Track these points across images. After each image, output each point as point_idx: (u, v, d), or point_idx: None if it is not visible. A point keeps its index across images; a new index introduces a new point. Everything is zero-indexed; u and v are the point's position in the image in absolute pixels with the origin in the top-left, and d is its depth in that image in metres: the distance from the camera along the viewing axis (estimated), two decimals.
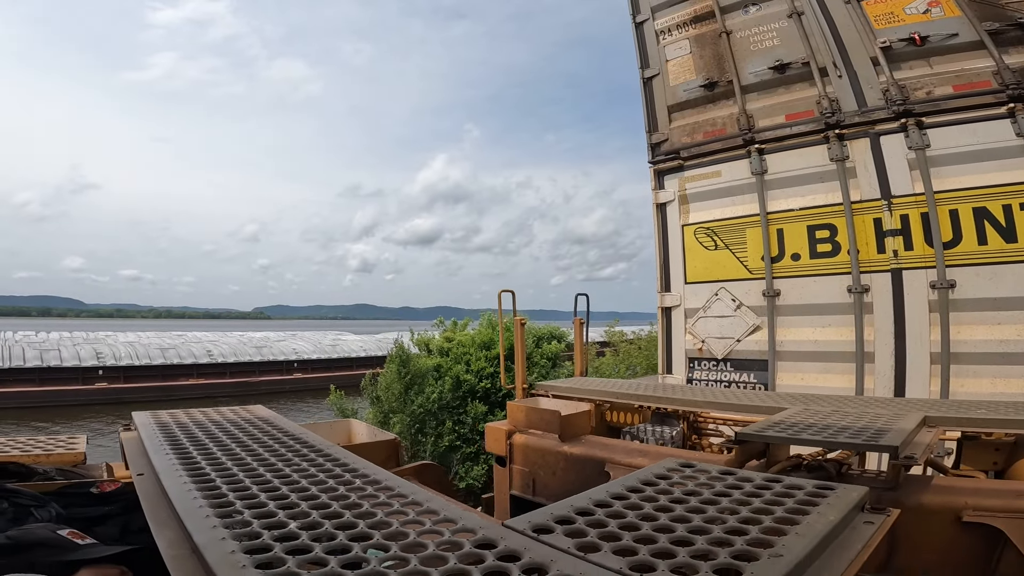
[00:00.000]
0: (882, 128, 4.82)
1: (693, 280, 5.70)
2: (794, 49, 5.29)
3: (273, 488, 1.69)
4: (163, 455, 2.00)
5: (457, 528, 1.38)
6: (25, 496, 2.10)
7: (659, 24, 6.22)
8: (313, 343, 30.21)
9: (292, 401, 23.48)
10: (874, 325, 4.69)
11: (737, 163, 5.52)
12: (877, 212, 4.79)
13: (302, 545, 1.28)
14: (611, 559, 1.20)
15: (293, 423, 2.66)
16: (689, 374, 5.62)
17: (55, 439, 2.80)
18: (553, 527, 1.40)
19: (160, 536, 1.47)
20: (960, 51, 4.63)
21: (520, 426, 3.88)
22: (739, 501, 1.53)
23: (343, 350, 29.47)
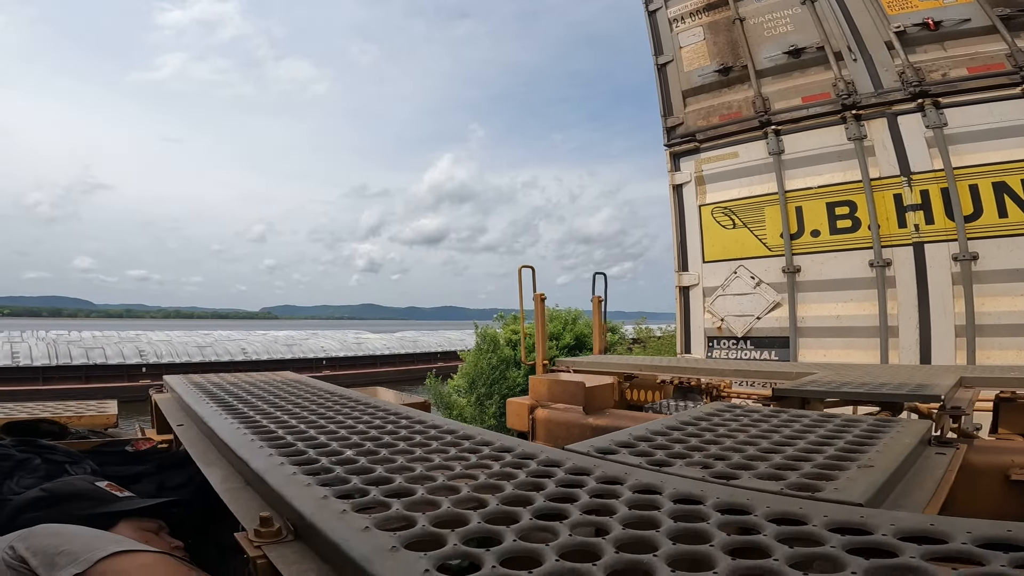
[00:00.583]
0: (899, 108, 4.88)
1: (711, 259, 5.69)
2: (808, 34, 5.37)
3: (320, 425, 1.67)
4: (204, 404, 1.98)
5: (517, 453, 1.34)
6: (59, 452, 2.06)
7: (672, 12, 6.28)
8: (338, 341, 30.58)
9: None
10: (897, 299, 4.68)
11: (754, 144, 5.58)
12: (897, 188, 4.83)
13: (362, 467, 1.24)
14: (688, 471, 1.17)
15: (325, 383, 2.64)
16: (708, 353, 5.59)
17: (86, 404, 2.77)
18: (616, 450, 1.36)
19: (211, 474, 1.44)
20: (973, 35, 4.70)
21: (542, 400, 3.82)
22: (801, 430, 1.49)
23: (367, 348, 29.92)
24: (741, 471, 1.14)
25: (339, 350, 28.61)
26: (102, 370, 21.61)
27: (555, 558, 0.76)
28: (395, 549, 0.78)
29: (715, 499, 0.97)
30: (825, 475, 1.11)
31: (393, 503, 0.98)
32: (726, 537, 0.81)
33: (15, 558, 1.15)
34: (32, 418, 2.44)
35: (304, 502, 0.98)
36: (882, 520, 0.84)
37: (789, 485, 1.06)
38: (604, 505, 0.97)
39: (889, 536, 0.79)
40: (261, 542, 0.94)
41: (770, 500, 0.96)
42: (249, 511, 1.13)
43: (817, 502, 0.96)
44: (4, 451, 1.96)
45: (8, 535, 1.24)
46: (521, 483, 1.10)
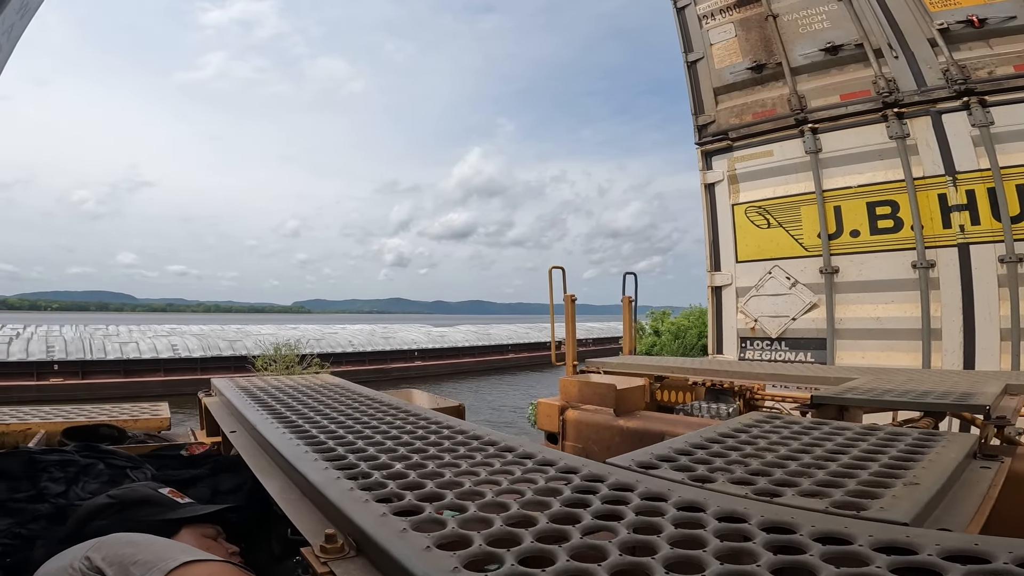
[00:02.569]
0: (943, 107, 4.79)
1: (744, 259, 5.64)
2: (846, 31, 5.28)
3: (366, 436, 1.73)
4: (254, 411, 2.06)
5: (560, 467, 1.37)
6: (120, 457, 2.15)
7: (701, 9, 6.22)
8: (423, 334, 32.58)
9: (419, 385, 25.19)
10: (941, 300, 4.58)
11: (789, 142, 5.51)
12: (941, 188, 4.72)
13: (414, 482, 1.29)
14: (731, 488, 1.18)
15: (362, 387, 2.71)
16: (741, 354, 5.55)
17: (140, 406, 2.90)
18: (658, 464, 1.38)
19: (269, 485, 1.50)
20: (1020, 33, 4.58)
21: (573, 401, 3.83)
22: (845, 444, 1.49)
23: (450, 340, 31.94)
24: (784, 488, 1.16)
25: (427, 342, 30.57)
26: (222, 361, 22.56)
27: None
28: (456, 570, 0.82)
29: (759, 517, 0.99)
30: (870, 492, 1.11)
31: (448, 521, 1.02)
32: (772, 557, 0.84)
33: (92, 569, 1.21)
34: (91, 422, 2.57)
35: (365, 519, 1.03)
36: (927, 540, 0.86)
37: (834, 503, 1.07)
38: (649, 523, 1.00)
39: (934, 556, 0.80)
40: (327, 558, 0.98)
41: (815, 519, 0.97)
42: (310, 524, 1.18)
43: (862, 521, 0.98)
44: (69, 457, 2.05)
45: (82, 544, 1.30)
46: (567, 500, 1.14)
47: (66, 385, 18.87)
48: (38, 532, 1.66)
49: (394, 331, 31.97)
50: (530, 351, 33.05)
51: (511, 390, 24.77)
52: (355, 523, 1.04)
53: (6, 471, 1.95)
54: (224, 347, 23.79)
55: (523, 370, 30.84)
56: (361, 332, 30.19)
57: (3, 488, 1.89)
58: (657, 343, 20.61)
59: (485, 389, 24.80)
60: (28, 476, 1.95)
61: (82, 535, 1.46)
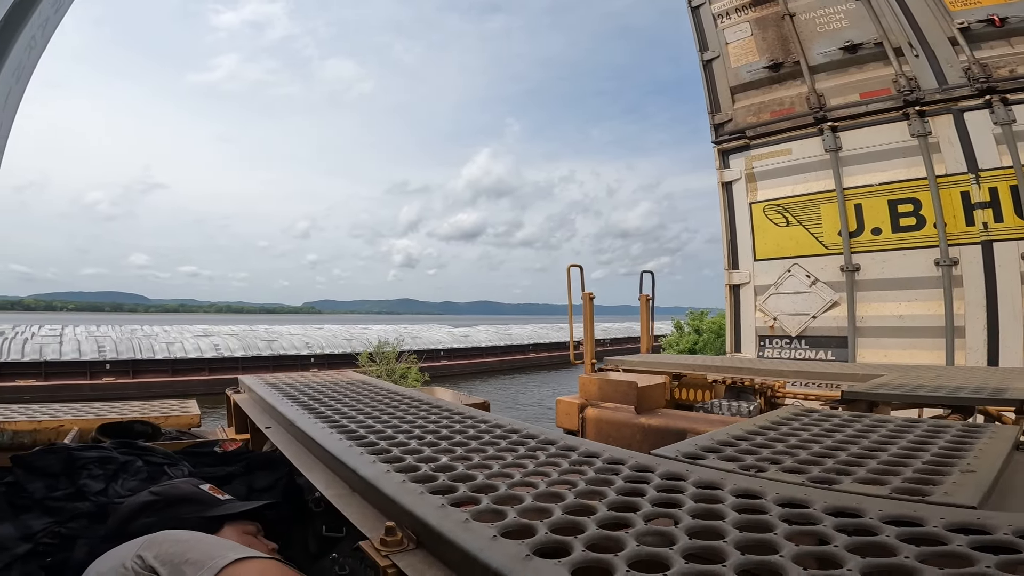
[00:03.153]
0: (965, 105, 4.77)
1: (763, 257, 5.62)
2: (865, 30, 5.28)
3: (405, 430, 1.73)
4: (289, 407, 2.07)
5: (605, 459, 1.37)
6: (157, 454, 2.16)
7: (716, 8, 6.23)
8: (447, 334, 33.48)
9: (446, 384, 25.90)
10: (964, 298, 4.56)
11: (808, 141, 5.51)
12: (964, 185, 4.70)
13: (463, 474, 1.28)
14: (785, 476, 1.18)
15: (388, 383, 2.72)
16: (760, 352, 5.53)
17: (169, 403, 2.92)
18: (703, 455, 1.38)
19: (315, 480, 1.50)
20: None
21: (592, 399, 3.82)
22: (889, 435, 1.49)
23: (473, 340, 32.76)
24: (840, 476, 1.15)
25: (452, 342, 31.50)
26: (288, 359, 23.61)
27: (682, 561, 0.79)
28: (528, 557, 0.83)
29: (823, 503, 0.99)
30: (928, 479, 1.11)
31: (507, 511, 1.02)
32: (847, 539, 0.83)
33: (145, 567, 1.22)
34: (125, 419, 2.59)
35: (426, 512, 1.03)
36: (1000, 521, 0.86)
37: (895, 489, 1.06)
38: (709, 510, 1.00)
39: (1011, 535, 0.80)
40: (388, 551, 0.98)
41: (880, 504, 0.97)
42: (365, 519, 1.17)
43: (929, 505, 0.97)
44: (107, 454, 2.07)
45: (131, 542, 1.31)
46: (621, 489, 1.14)
47: (118, 384, 19.31)
48: (78, 531, 1.67)
49: (418, 331, 32.80)
50: (549, 351, 33.70)
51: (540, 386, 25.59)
52: (416, 516, 1.03)
53: (44, 468, 1.96)
54: (263, 347, 24.57)
55: (543, 369, 31.40)
56: (385, 332, 30.79)
57: (41, 486, 1.90)
58: (699, 340, 21.97)
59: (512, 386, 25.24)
60: (67, 473, 1.96)
61: (126, 533, 1.47)
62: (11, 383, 17.84)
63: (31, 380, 18.30)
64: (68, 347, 20.04)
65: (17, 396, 15.83)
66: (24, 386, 17.59)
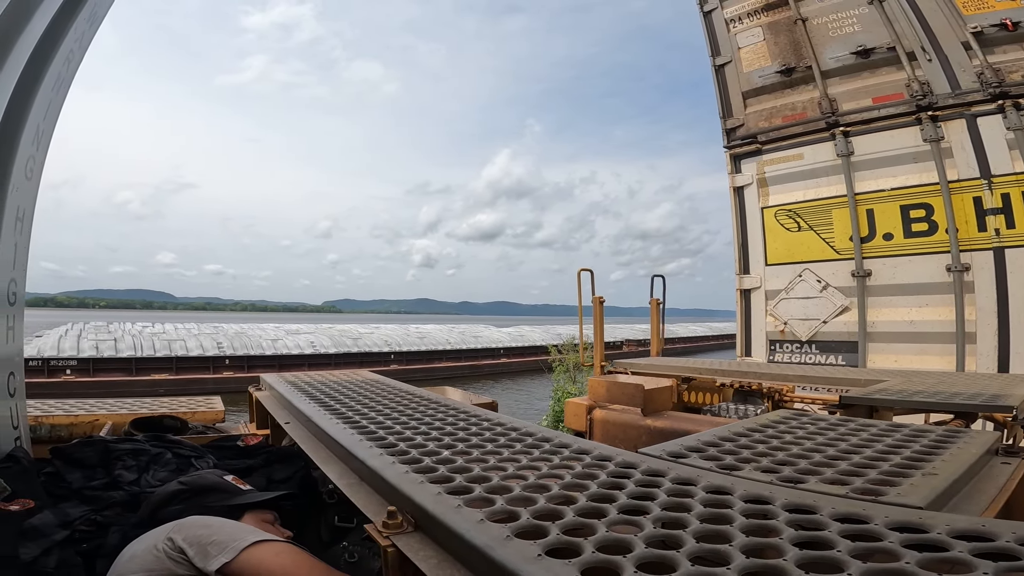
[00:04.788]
0: (978, 110, 4.76)
1: (774, 262, 5.65)
2: (877, 34, 5.27)
3: (412, 427, 1.85)
4: (307, 404, 2.20)
5: (595, 456, 1.47)
6: (186, 447, 2.32)
7: (728, 12, 6.25)
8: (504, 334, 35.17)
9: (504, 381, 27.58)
10: (976, 304, 4.55)
11: (820, 146, 5.52)
12: (976, 191, 4.68)
13: (461, 466, 1.40)
14: (758, 475, 1.27)
15: (400, 382, 2.84)
16: (770, 356, 5.55)
17: (196, 400, 3.09)
18: (687, 454, 1.47)
19: (329, 471, 1.63)
20: None
21: (600, 401, 3.89)
22: (869, 439, 1.56)
23: (527, 339, 34.17)
24: (808, 476, 1.24)
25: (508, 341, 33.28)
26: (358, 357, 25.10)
27: (643, 546, 0.90)
28: (509, 538, 0.94)
29: (783, 500, 1.08)
30: (890, 481, 1.19)
31: (497, 499, 1.13)
32: (794, 533, 0.93)
33: (175, 549, 1.36)
34: (156, 414, 2.75)
35: (424, 498, 1.14)
36: (939, 521, 0.94)
37: (854, 489, 1.15)
38: (680, 503, 1.10)
39: (943, 535, 0.89)
40: (389, 533, 1.10)
41: (835, 502, 1.06)
42: (371, 505, 1.30)
43: (880, 505, 1.06)
44: (140, 446, 2.23)
45: (162, 527, 1.45)
46: (603, 482, 1.24)
47: (236, 378, 20.25)
48: (112, 519, 1.81)
49: (479, 331, 34.56)
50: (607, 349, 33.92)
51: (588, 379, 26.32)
52: (415, 501, 1.15)
53: (83, 460, 2.12)
54: (351, 344, 26.37)
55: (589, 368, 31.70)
56: (451, 332, 32.50)
57: (79, 476, 2.06)
58: None
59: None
60: (103, 464, 2.12)
61: (156, 519, 1.61)
62: (148, 377, 19.14)
63: (164, 374, 19.59)
64: (191, 343, 21.77)
65: (153, 388, 17.05)
66: (159, 380, 18.88)
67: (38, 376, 17.55)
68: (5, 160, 2.01)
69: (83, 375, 18.52)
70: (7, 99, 1.94)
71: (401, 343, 27.81)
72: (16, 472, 1.87)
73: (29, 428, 2.32)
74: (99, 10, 2.54)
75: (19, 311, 2.17)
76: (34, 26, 2.03)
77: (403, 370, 25.01)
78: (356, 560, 1.86)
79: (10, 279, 2.09)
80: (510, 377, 28.15)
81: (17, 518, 1.65)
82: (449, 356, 28.79)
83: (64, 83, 2.42)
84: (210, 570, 1.31)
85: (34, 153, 2.20)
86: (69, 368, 18.61)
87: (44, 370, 18.10)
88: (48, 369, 18.22)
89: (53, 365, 18.41)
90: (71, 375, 18.38)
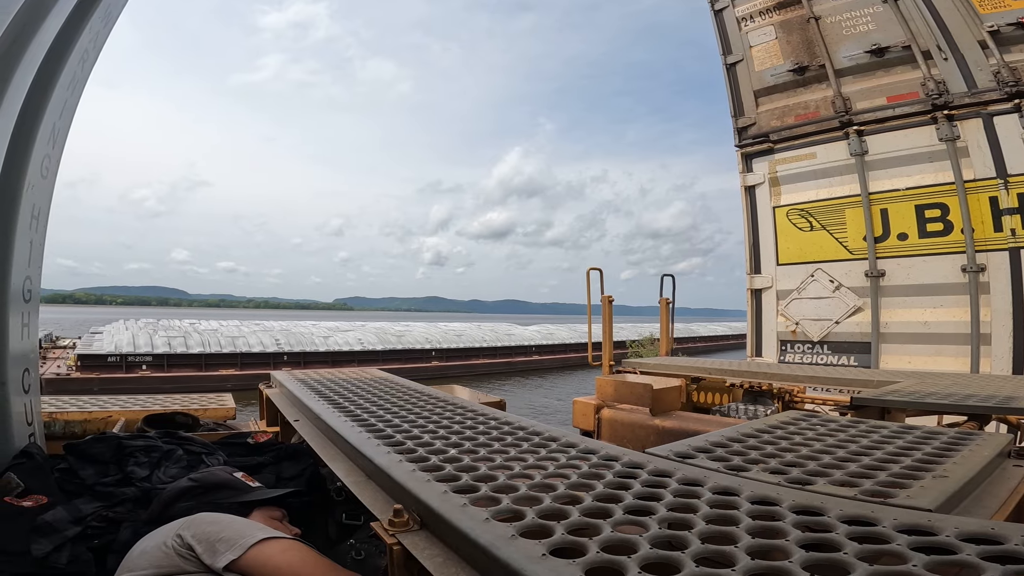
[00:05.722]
0: (995, 109, 4.70)
1: (786, 261, 5.60)
2: (892, 33, 5.22)
3: (420, 425, 1.86)
4: (316, 401, 2.21)
5: (602, 455, 1.47)
6: (197, 444, 2.34)
7: (740, 11, 6.20)
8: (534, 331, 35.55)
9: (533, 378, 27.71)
10: (991, 305, 4.48)
11: (834, 145, 5.47)
12: (993, 191, 4.62)
13: (468, 465, 1.40)
14: (765, 476, 1.26)
15: (409, 381, 2.85)
16: (781, 357, 5.51)
17: (207, 397, 3.12)
18: (694, 454, 1.46)
19: (336, 468, 1.63)
20: None
21: (608, 400, 3.88)
22: (880, 440, 1.55)
23: (556, 337, 34.36)
24: (816, 477, 1.23)
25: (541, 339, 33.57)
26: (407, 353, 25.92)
27: (648, 547, 0.89)
28: (514, 537, 0.94)
29: (791, 502, 1.07)
30: (899, 483, 1.18)
31: (503, 498, 1.13)
32: (800, 534, 0.92)
33: (183, 546, 1.37)
34: (168, 411, 2.78)
35: (430, 497, 1.15)
36: (948, 524, 0.93)
37: (863, 491, 1.14)
38: (686, 504, 1.09)
39: (952, 538, 0.88)
40: (395, 531, 1.10)
41: (843, 504, 1.05)
42: (377, 503, 1.30)
43: (889, 507, 1.05)
44: (152, 443, 2.25)
45: (172, 524, 1.47)
46: (610, 482, 1.24)
47: None
48: (124, 515, 1.83)
49: (511, 329, 35.22)
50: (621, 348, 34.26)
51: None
52: (421, 500, 1.15)
53: (96, 456, 2.14)
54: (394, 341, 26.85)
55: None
56: (485, 330, 33.01)
57: (93, 472, 2.08)
58: None
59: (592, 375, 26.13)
60: (116, 461, 2.14)
61: (167, 516, 1.63)
62: (216, 372, 19.68)
63: (231, 370, 20.09)
64: (252, 340, 22.71)
65: (222, 383, 17.40)
66: (226, 375, 19.41)
67: (116, 371, 18.26)
68: (21, 159, 2.03)
69: (158, 370, 19.20)
70: (23, 98, 1.97)
71: (441, 341, 28.39)
72: (30, 468, 1.90)
73: (43, 424, 2.35)
74: (114, 9, 2.56)
75: (34, 308, 2.20)
76: (49, 25, 2.05)
77: (443, 366, 25.85)
78: (362, 558, 1.87)
79: (26, 276, 2.11)
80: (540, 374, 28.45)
81: (30, 514, 1.67)
82: (485, 353, 29.23)
83: (79, 82, 2.44)
84: (218, 567, 1.32)
85: (50, 152, 2.23)
86: (145, 364, 19.28)
87: (122, 366, 18.74)
88: (126, 365, 18.87)
89: (131, 361, 19.05)
90: (147, 371, 19.03)
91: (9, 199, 1.99)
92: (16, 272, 2.04)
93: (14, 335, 2.03)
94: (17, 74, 1.92)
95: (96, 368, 17.96)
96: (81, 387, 15.86)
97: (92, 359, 18.19)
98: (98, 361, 18.26)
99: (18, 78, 1.93)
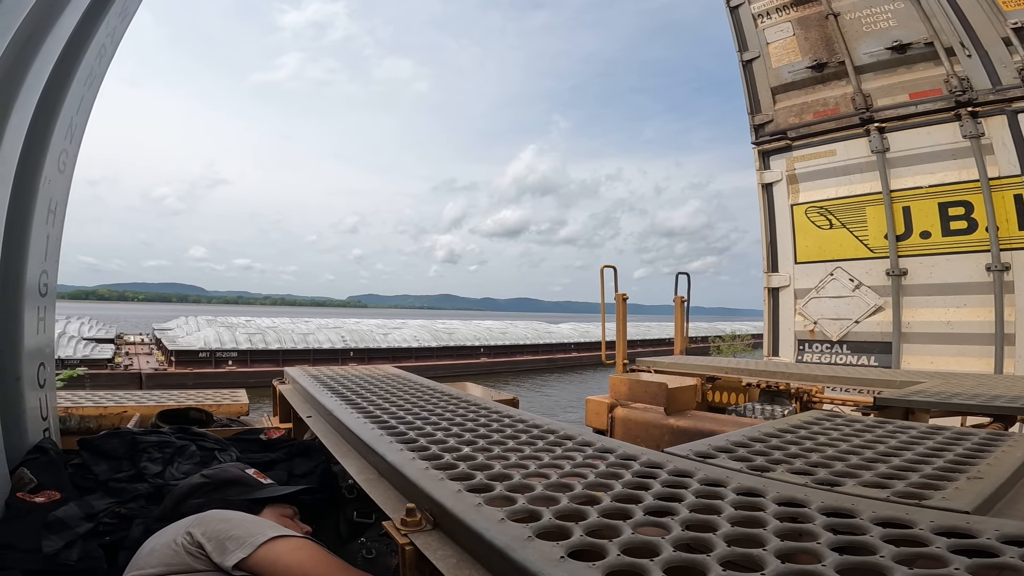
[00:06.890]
0: (1020, 106, 4.60)
1: (804, 260, 5.52)
2: (914, 29, 5.12)
3: (433, 422, 1.83)
4: (329, 398, 2.20)
5: (619, 455, 1.43)
6: (210, 440, 2.34)
7: (756, 8, 6.12)
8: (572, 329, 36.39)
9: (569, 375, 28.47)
10: (1015, 305, 4.38)
11: (854, 142, 5.38)
12: (1018, 188, 4.53)
13: (482, 463, 1.37)
14: (790, 477, 1.22)
15: (422, 378, 2.83)
16: (799, 356, 5.42)
17: (221, 393, 3.12)
18: (715, 454, 1.42)
19: (348, 465, 1.61)
20: None
21: (622, 399, 3.83)
22: (909, 441, 1.49)
23: (592, 335, 34.69)
24: (845, 479, 1.18)
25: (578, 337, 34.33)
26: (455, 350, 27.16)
27: (671, 549, 0.86)
28: (530, 539, 0.90)
29: (819, 503, 1.03)
30: (933, 485, 1.13)
31: (518, 498, 1.10)
32: (832, 536, 0.88)
33: (193, 543, 1.36)
34: (182, 407, 2.78)
35: (444, 496, 1.11)
36: (987, 526, 0.88)
37: (895, 493, 1.09)
38: (709, 505, 1.05)
39: (993, 540, 0.83)
40: (407, 530, 1.07)
41: (876, 506, 1.00)
42: (389, 501, 1.27)
43: (924, 509, 1.00)
44: (165, 438, 2.24)
45: (182, 521, 1.45)
46: (628, 482, 1.20)
47: None
48: (136, 511, 1.83)
49: (550, 328, 36.17)
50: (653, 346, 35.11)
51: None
52: (434, 499, 1.12)
53: (110, 451, 2.14)
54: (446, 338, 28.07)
55: None
56: (516, 327, 34.11)
57: (106, 468, 2.08)
58: None
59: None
60: (129, 456, 2.14)
61: (179, 512, 1.61)
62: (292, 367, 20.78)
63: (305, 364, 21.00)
64: (321, 337, 23.88)
65: None
66: None
67: (206, 366, 19.57)
68: (38, 153, 2.04)
69: (243, 365, 20.18)
70: (39, 93, 1.97)
71: (488, 338, 29.62)
72: (43, 463, 1.90)
73: (59, 419, 2.36)
74: (130, 5, 2.56)
75: (51, 302, 2.20)
76: (65, 20, 2.05)
77: (490, 363, 27.39)
78: (374, 556, 1.85)
79: (42, 270, 2.12)
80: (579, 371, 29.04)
81: (42, 510, 1.67)
82: (528, 350, 30.49)
83: (96, 78, 2.45)
84: (227, 565, 1.30)
85: (67, 147, 2.23)
86: (231, 359, 20.38)
87: (211, 361, 19.90)
88: (215, 360, 19.99)
89: (219, 357, 20.18)
90: (232, 366, 20.05)
91: (26, 193, 1.99)
92: (32, 266, 2.04)
93: (29, 329, 2.03)
94: (33, 69, 1.92)
95: (189, 363, 19.23)
96: (177, 381, 17.04)
97: (185, 355, 19.50)
98: (190, 356, 19.56)
99: (34, 73, 1.93)
